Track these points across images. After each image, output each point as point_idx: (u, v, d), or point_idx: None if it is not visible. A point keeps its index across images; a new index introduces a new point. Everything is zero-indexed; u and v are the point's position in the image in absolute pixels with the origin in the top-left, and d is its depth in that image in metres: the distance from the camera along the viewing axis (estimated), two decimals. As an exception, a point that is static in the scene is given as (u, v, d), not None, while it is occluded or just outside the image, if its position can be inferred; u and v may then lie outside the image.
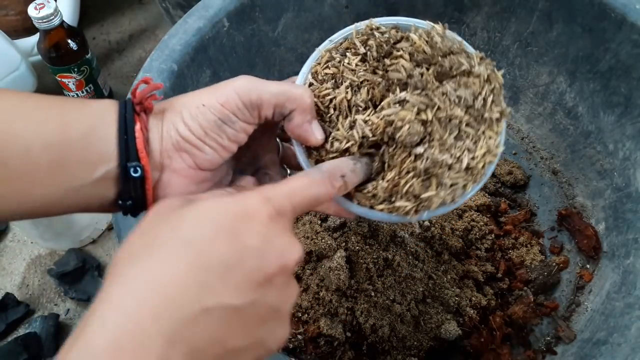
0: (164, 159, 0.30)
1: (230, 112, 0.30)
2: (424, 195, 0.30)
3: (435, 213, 0.32)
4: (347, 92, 0.32)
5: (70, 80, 0.80)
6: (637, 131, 0.58)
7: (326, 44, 0.35)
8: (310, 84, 0.33)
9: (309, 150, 0.33)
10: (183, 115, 0.30)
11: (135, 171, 0.29)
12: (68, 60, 0.77)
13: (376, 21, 0.35)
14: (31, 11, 0.70)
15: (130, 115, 0.29)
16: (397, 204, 0.31)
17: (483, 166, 0.32)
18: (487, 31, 0.72)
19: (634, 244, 0.55)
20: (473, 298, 0.55)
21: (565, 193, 0.68)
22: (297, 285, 0.27)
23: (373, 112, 0.32)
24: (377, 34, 0.33)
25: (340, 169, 0.29)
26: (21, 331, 0.67)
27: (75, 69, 0.79)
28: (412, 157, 0.30)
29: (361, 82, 0.32)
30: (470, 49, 0.34)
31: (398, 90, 0.31)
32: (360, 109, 0.32)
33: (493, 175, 0.69)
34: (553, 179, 0.70)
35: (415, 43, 0.32)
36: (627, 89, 0.59)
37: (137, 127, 0.29)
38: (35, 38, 0.81)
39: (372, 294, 0.53)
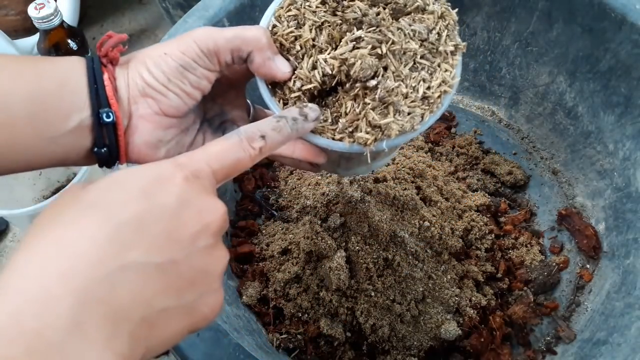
0: (131, 105, 0.32)
1: (190, 59, 0.32)
2: (382, 122, 0.32)
3: (396, 142, 0.33)
4: (310, 32, 0.33)
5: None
6: (637, 131, 0.58)
7: None
8: (275, 26, 0.35)
9: (274, 89, 0.35)
10: (147, 64, 0.32)
11: (108, 116, 0.30)
12: (68, 60, 0.77)
13: None
14: (31, 11, 0.70)
15: (98, 67, 0.31)
16: (357, 134, 0.33)
17: (439, 96, 0.34)
18: (487, 31, 0.72)
19: (634, 244, 0.55)
20: (473, 298, 0.55)
21: (565, 193, 0.68)
22: (225, 250, 0.26)
23: (333, 52, 0.33)
24: None
25: (261, 129, 0.29)
26: (21, 331, 0.67)
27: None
28: (368, 91, 0.32)
29: (322, 23, 0.34)
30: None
31: (355, 29, 0.33)
32: (322, 49, 0.34)
33: (493, 175, 0.69)
34: (553, 179, 0.70)
35: None
36: (627, 89, 0.59)
37: (105, 76, 0.31)
38: (35, 38, 0.81)
39: (372, 294, 0.53)
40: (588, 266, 0.61)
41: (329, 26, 0.34)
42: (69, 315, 0.19)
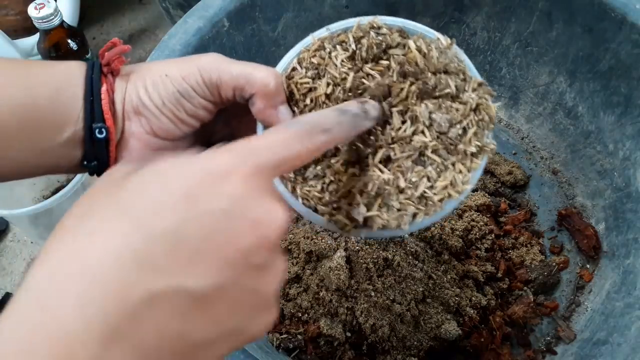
0: (125, 120, 0.30)
1: (189, 87, 0.30)
2: (362, 214, 0.28)
3: (374, 235, 0.30)
4: (327, 87, 0.30)
5: (70, 80, 0.80)
6: (637, 131, 0.58)
7: (322, 32, 0.33)
8: (294, 69, 0.32)
9: None
10: (146, 82, 0.30)
11: (101, 132, 0.29)
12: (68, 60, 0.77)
13: (381, 19, 0.33)
14: (31, 11, 0.70)
15: (97, 77, 0.29)
16: (337, 216, 0.29)
17: (441, 200, 0.29)
18: (487, 31, 0.72)
19: (634, 244, 0.55)
20: (473, 298, 0.55)
21: (565, 193, 0.68)
22: (284, 261, 0.22)
23: None
24: (373, 33, 0.32)
25: (325, 121, 0.24)
26: (21, 331, 0.68)
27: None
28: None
29: (341, 80, 0.30)
30: (472, 71, 0.32)
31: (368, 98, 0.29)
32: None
33: (493, 175, 0.69)
34: (553, 179, 0.70)
35: (409, 52, 0.30)
36: (627, 89, 0.59)
37: (104, 88, 0.29)
38: (35, 38, 0.81)
39: (372, 294, 0.53)
40: (588, 266, 0.61)
41: (346, 90, 0.30)
42: (88, 356, 0.16)
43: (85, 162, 0.30)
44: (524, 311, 0.56)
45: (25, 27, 0.88)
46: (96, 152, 0.30)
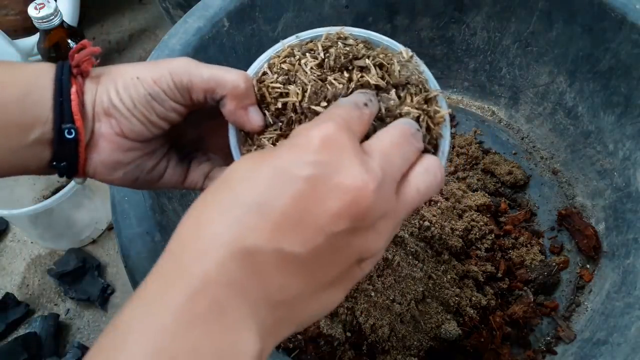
0: (95, 122, 0.31)
1: (160, 90, 0.30)
2: None
3: None
4: (297, 95, 0.31)
5: (70, 80, 0.80)
6: (637, 131, 0.58)
7: (292, 39, 0.34)
8: (265, 73, 0.33)
9: (245, 137, 0.33)
10: (117, 84, 0.30)
11: (70, 133, 0.29)
12: (68, 60, 0.77)
13: (348, 30, 0.34)
14: (31, 11, 0.70)
15: (67, 78, 0.29)
16: None
17: None
18: (487, 31, 0.72)
19: (634, 244, 0.55)
20: (473, 298, 0.55)
21: (565, 193, 0.68)
22: (382, 228, 0.23)
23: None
24: (340, 43, 0.33)
25: (362, 98, 0.27)
26: (21, 331, 0.67)
27: (75, 69, 0.79)
28: None
29: (309, 87, 0.31)
30: (432, 82, 0.33)
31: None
32: (301, 120, 0.31)
33: (493, 175, 0.69)
34: (553, 179, 0.70)
35: (368, 72, 0.31)
36: (627, 89, 0.59)
37: (73, 89, 0.29)
38: (35, 38, 0.81)
39: (372, 294, 0.53)
40: (588, 266, 0.61)
41: (314, 93, 0.31)
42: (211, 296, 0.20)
43: (54, 163, 0.30)
44: (524, 311, 0.56)
45: (25, 27, 0.88)
46: (65, 153, 0.30)
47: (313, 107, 0.30)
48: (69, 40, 0.77)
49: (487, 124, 0.76)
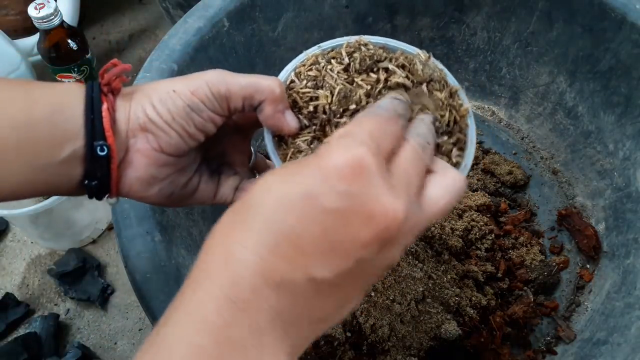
0: (130, 138, 0.31)
1: (199, 100, 0.31)
2: None
3: None
4: (327, 97, 0.33)
5: (70, 80, 0.80)
6: (637, 131, 0.58)
7: (314, 49, 0.36)
8: (292, 81, 0.34)
9: (280, 143, 0.34)
10: (152, 99, 0.30)
11: (102, 150, 0.29)
12: (68, 60, 0.77)
13: (366, 38, 0.36)
14: (31, 11, 0.70)
15: (98, 95, 0.30)
16: None
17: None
18: (487, 31, 0.72)
19: (634, 244, 0.55)
20: (473, 298, 0.55)
21: (565, 193, 0.68)
22: (399, 251, 0.24)
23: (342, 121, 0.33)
24: (363, 48, 0.34)
25: (396, 107, 0.27)
26: (21, 331, 0.67)
27: (75, 69, 0.79)
28: None
29: (338, 89, 0.33)
30: (451, 79, 0.35)
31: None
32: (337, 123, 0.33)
33: (493, 175, 0.69)
34: (553, 179, 0.70)
35: (395, 71, 0.33)
36: (627, 89, 0.59)
37: (104, 106, 0.29)
38: (35, 38, 0.81)
39: (372, 294, 0.53)
40: (588, 266, 0.61)
41: (344, 97, 0.32)
42: (245, 320, 0.21)
43: (86, 182, 0.30)
44: (524, 311, 0.56)
45: (25, 27, 0.88)
46: (97, 171, 0.30)
47: (343, 109, 0.32)
48: (69, 40, 0.77)
49: (487, 124, 0.76)
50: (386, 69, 0.33)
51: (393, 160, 0.25)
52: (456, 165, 0.33)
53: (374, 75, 0.33)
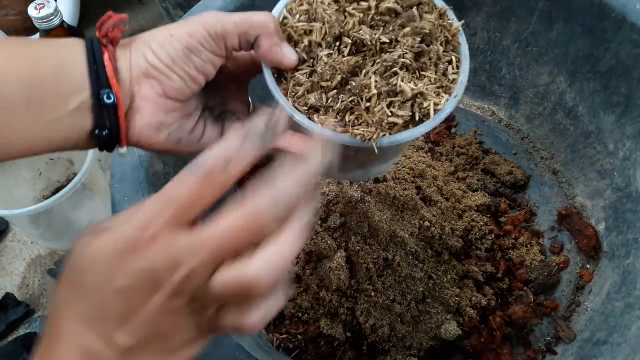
0: (134, 86, 0.31)
1: (197, 41, 0.31)
2: (385, 119, 0.32)
3: (398, 138, 0.32)
4: (320, 29, 0.33)
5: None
6: (637, 131, 0.58)
7: None
8: (285, 17, 0.35)
9: (280, 79, 0.35)
10: (151, 45, 0.31)
11: (109, 97, 0.30)
12: (68, 60, 0.77)
13: None
14: (31, 11, 0.70)
15: (98, 47, 0.30)
16: (357, 130, 0.32)
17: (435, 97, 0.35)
18: (487, 31, 0.72)
19: (634, 244, 0.55)
20: (473, 298, 0.55)
21: (565, 193, 0.68)
22: (186, 317, 0.25)
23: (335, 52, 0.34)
24: None
25: (223, 153, 0.25)
26: (21, 331, 0.67)
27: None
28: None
29: (332, 21, 0.34)
30: (438, 1, 0.36)
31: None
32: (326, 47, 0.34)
33: (493, 175, 0.69)
34: (553, 179, 0.70)
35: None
36: (627, 89, 0.59)
37: (106, 56, 0.30)
38: (35, 38, 0.81)
39: (372, 294, 0.53)
40: (588, 266, 0.61)
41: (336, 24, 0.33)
42: None
43: (96, 131, 0.31)
44: (524, 311, 0.56)
45: (25, 27, 0.88)
46: (105, 120, 0.31)
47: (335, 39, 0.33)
48: (69, 40, 0.76)
49: (487, 124, 0.76)
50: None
51: (209, 226, 0.24)
52: (453, 82, 0.36)
53: (364, 3, 0.33)
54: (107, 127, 0.31)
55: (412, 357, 0.52)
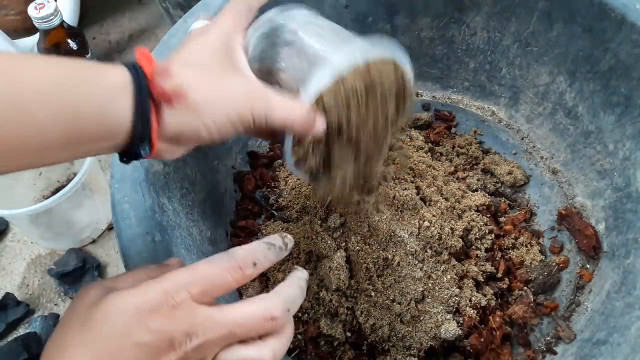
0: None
1: (243, 128, 0.33)
2: None
3: None
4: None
5: (70, 80, 0.80)
6: (637, 131, 0.58)
7: (345, 63, 0.36)
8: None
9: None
10: (208, 124, 0.31)
11: (145, 151, 0.30)
12: (68, 60, 0.77)
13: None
14: (31, 11, 0.70)
15: (146, 101, 0.29)
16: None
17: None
18: (487, 31, 0.72)
19: (634, 244, 0.55)
20: (473, 298, 0.55)
21: (565, 193, 0.68)
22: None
23: None
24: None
25: (254, 256, 0.30)
26: (21, 331, 0.67)
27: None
28: None
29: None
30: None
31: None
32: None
33: (493, 175, 0.69)
34: (553, 179, 0.70)
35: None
36: (627, 89, 0.59)
37: (154, 119, 0.30)
38: (35, 38, 0.81)
39: (372, 293, 0.53)
40: (588, 266, 0.61)
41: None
42: None
43: (124, 159, 0.32)
44: (524, 311, 0.56)
45: (25, 27, 0.88)
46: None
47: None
48: (69, 40, 0.77)
49: (487, 124, 0.76)
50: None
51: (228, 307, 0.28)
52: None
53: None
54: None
55: (412, 357, 0.52)
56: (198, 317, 0.27)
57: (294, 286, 0.32)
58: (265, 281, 0.58)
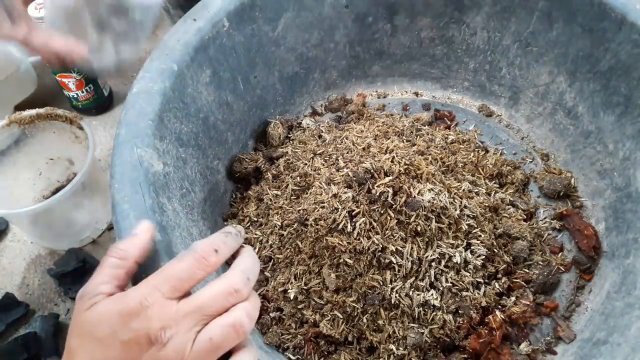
0: None
1: None
2: None
3: None
4: None
5: (70, 80, 0.80)
6: (637, 131, 0.58)
7: None
8: None
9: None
10: None
11: None
12: (68, 60, 0.77)
13: None
14: (31, 11, 0.70)
15: None
16: None
17: None
18: (487, 31, 0.72)
19: (634, 244, 0.55)
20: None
21: (565, 193, 0.68)
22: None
23: None
24: None
25: (213, 244, 0.34)
26: (21, 331, 0.67)
27: (75, 69, 0.79)
28: None
29: None
30: None
31: None
32: None
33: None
34: (553, 179, 0.69)
35: None
36: (627, 89, 0.59)
37: None
38: (35, 38, 0.81)
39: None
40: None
41: None
42: None
43: None
44: (523, 311, 0.56)
45: (25, 27, 0.88)
46: None
47: None
48: (69, 40, 0.76)
49: (487, 124, 0.76)
50: None
51: (192, 297, 0.32)
52: None
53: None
54: None
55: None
56: (168, 312, 0.31)
57: (246, 257, 0.35)
58: (265, 280, 0.58)
